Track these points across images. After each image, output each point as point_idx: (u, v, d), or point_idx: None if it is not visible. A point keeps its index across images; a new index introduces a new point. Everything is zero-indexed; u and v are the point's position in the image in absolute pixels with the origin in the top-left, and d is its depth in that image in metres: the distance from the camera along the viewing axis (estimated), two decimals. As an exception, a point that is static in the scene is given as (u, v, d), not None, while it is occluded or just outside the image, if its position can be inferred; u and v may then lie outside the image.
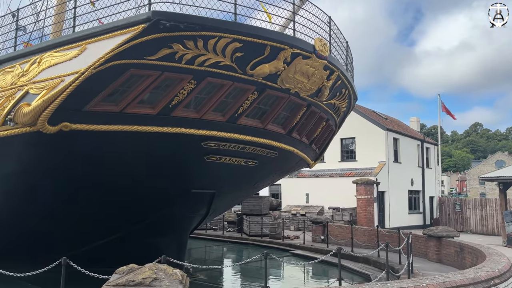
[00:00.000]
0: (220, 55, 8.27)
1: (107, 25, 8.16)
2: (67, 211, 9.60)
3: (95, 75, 7.73)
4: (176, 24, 7.60)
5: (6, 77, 9.21)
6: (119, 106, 8.27)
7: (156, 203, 9.98)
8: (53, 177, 9.00)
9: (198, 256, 17.59)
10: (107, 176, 9.04)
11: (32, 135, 8.20)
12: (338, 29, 11.07)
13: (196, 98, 8.80)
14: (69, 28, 9.81)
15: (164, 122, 8.65)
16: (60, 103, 7.88)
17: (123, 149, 8.78)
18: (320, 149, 13.38)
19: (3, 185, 9.48)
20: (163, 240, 10.93)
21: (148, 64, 7.89)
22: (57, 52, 8.65)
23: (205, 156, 9.68)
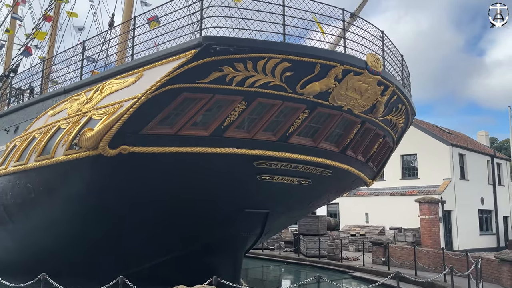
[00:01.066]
0: (270, 76, 8.33)
1: (161, 52, 8.56)
2: (125, 231, 9.98)
3: (151, 100, 8.09)
4: (226, 47, 7.80)
5: (73, 105, 9.92)
6: (173, 128, 8.56)
7: (210, 223, 10.09)
8: (113, 198, 9.42)
9: (255, 276, 17.49)
10: (162, 197, 9.32)
11: (94, 158, 8.70)
12: (391, 43, 10.75)
13: (247, 118, 8.89)
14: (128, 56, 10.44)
15: (216, 143, 8.80)
16: (119, 127, 8.31)
17: (178, 170, 9.03)
18: (377, 166, 12.90)
19: (69, 206, 10.09)
20: (218, 259, 11.00)
21: (200, 87, 8.13)
22: (117, 79, 9.20)
23: (257, 176, 9.69)
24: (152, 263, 10.67)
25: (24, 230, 11.29)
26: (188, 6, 9.06)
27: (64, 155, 9.23)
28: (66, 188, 9.99)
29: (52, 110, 10.62)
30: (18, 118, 12.33)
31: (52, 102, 11.03)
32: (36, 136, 10.39)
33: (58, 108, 10.47)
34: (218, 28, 8.19)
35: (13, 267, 11.74)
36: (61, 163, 9.34)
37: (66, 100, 10.39)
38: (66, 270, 9.90)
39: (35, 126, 10.88)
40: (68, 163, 9.19)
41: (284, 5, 8.71)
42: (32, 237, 11.25)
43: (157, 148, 8.62)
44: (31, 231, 11.13)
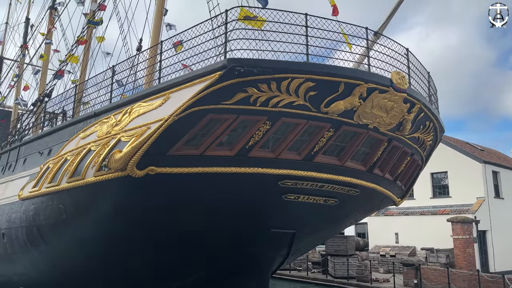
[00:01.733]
0: (294, 95, 8.38)
1: (187, 74, 8.78)
2: (153, 251, 10.06)
3: (177, 122, 8.26)
4: (249, 69, 7.92)
5: (102, 127, 10.23)
6: (199, 149, 8.68)
7: (236, 243, 10.06)
8: (141, 218, 9.56)
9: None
10: (188, 216, 9.38)
11: (123, 179, 8.89)
12: (417, 60, 10.65)
13: (272, 138, 8.93)
14: (156, 79, 10.74)
15: (241, 162, 8.85)
16: (147, 148, 8.50)
17: (204, 190, 9.10)
18: (406, 185, 12.62)
19: (99, 226, 10.29)
20: (244, 280, 10.91)
21: (225, 108, 8.25)
22: (145, 102, 9.45)
23: (282, 195, 9.64)
24: (179, 283, 10.68)
25: (56, 250, 11.56)
26: (213, 30, 9.30)
27: (94, 176, 9.49)
28: (96, 209, 10.22)
29: (83, 133, 10.98)
30: (51, 141, 12.80)
31: (83, 125, 11.42)
32: (68, 158, 10.74)
33: (89, 130, 10.82)
34: (242, 50, 8.35)
35: (45, 286, 12.02)
36: (91, 184, 9.59)
37: (96, 123, 10.73)
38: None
39: (67, 148, 11.26)
40: (98, 184, 9.42)
41: (307, 26, 8.81)
42: (63, 257, 11.49)
43: (183, 169, 8.74)
44: (62, 251, 11.39)
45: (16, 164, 14.56)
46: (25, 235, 12.08)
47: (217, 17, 9.22)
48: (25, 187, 12.32)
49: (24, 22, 35.89)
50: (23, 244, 12.30)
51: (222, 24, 8.75)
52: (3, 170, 15.49)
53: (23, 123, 17.77)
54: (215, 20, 9.25)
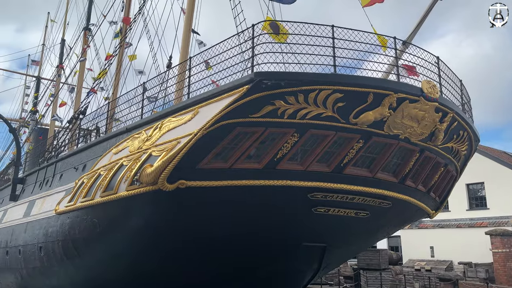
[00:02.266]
0: (322, 107, 8.35)
1: (215, 89, 8.91)
2: (183, 263, 10.10)
3: (206, 136, 8.37)
4: (277, 82, 7.98)
5: (134, 142, 10.48)
6: (228, 162, 8.74)
7: (265, 257, 9.99)
8: (171, 231, 9.66)
9: (313, 313, 16.87)
10: (217, 230, 9.41)
11: (154, 193, 9.05)
12: (448, 68, 10.41)
13: (300, 150, 8.89)
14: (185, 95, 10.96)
15: (270, 175, 8.84)
16: (177, 163, 8.63)
17: (233, 203, 9.12)
18: (440, 197, 12.24)
19: (131, 240, 10.47)
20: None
21: (252, 121, 8.31)
22: (175, 117, 9.65)
23: (312, 208, 9.54)
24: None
25: (90, 264, 11.82)
26: (240, 45, 9.43)
27: (126, 190, 9.69)
28: (128, 223, 10.41)
29: (115, 148, 11.28)
30: (86, 156, 13.21)
31: (115, 140, 11.74)
32: (101, 173, 11.04)
33: (121, 146, 11.11)
34: (269, 64, 8.42)
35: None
36: (123, 198, 9.79)
37: (128, 138, 11.00)
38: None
39: (100, 163, 11.59)
40: (130, 198, 9.62)
41: (334, 38, 8.81)
42: (97, 270, 11.74)
43: (212, 182, 8.81)
44: (96, 264, 11.63)
45: (53, 180, 15.10)
46: (61, 248, 12.42)
47: (244, 32, 9.35)
48: (61, 202, 12.72)
49: (60, 43, 37.62)
50: (59, 257, 12.65)
51: (249, 38, 8.87)
52: (41, 186, 16.08)
53: (59, 139, 18.45)
54: (242, 35, 9.38)
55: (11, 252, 16.07)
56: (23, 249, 14.82)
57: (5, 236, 17.22)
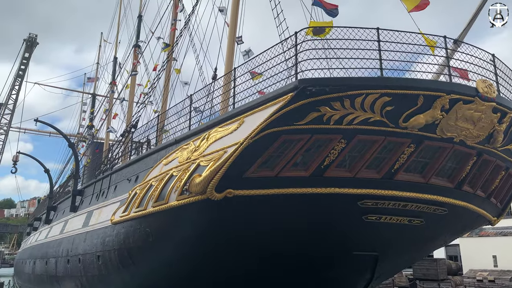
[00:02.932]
0: (369, 112, 8.14)
1: (259, 98, 8.96)
2: (232, 271, 10.14)
3: (252, 144, 8.41)
4: (321, 88, 7.89)
5: (183, 153, 10.75)
6: (274, 170, 8.72)
7: (315, 266, 9.82)
8: (220, 239, 9.75)
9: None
10: (265, 238, 9.38)
11: (203, 202, 9.20)
12: (505, 65, 9.81)
13: (348, 156, 8.70)
14: (231, 105, 11.11)
15: (317, 183, 8.72)
16: (224, 172, 8.73)
17: (281, 212, 9.07)
18: (502, 202, 11.47)
19: (182, 248, 10.69)
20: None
21: (298, 129, 8.25)
22: (221, 127, 9.79)
23: (363, 216, 9.27)
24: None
25: (144, 272, 12.18)
26: (284, 53, 9.44)
27: (176, 200, 9.93)
28: (179, 231, 10.64)
29: (165, 159, 11.63)
30: (138, 168, 13.71)
31: (165, 152, 12.10)
32: (153, 184, 11.40)
33: (171, 157, 11.42)
34: (313, 70, 8.35)
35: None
36: (174, 208, 10.04)
37: (177, 149, 11.30)
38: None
39: (152, 174, 11.97)
40: (180, 208, 9.84)
41: (380, 40, 8.59)
42: (151, 278, 12.07)
43: (259, 191, 8.82)
44: (150, 272, 11.97)
45: (108, 191, 15.80)
46: (117, 257, 12.92)
47: (287, 40, 9.35)
48: (116, 212, 13.26)
49: (113, 61, 39.65)
50: (116, 265, 13.16)
51: (292, 46, 8.85)
52: (98, 197, 16.88)
53: (113, 152, 19.32)
54: (285, 43, 9.38)
55: (72, 260, 16.95)
56: (82, 258, 15.58)
57: (66, 245, 18.21)
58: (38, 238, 26.90)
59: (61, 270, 18.31)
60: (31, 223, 34.65)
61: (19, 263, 33.37)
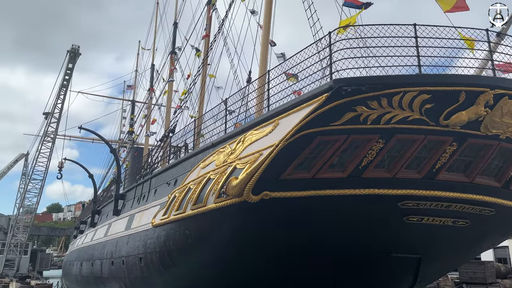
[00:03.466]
0: (408, 110, 7.93)
1: (294, 100, 8.94)
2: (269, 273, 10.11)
3: (287, 146, 8.40)
4: (357, 87, 7.76)
5: (219, 157, 10.89)
6: (310, 172, 8.66)
7: (353, 269, 9.64)
8: (257, 242, 9.78)
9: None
10: (302, 240, 9.31)
11: (240, 205, 9.27)
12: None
13: (387, 156, 8.51)
14: (265, 108, 11.15)
15: (355, 184, 8.58)
16: (260, 174, 8.77)
17: (318, 214, 8.98)
18: (555, 202, 10.81)
19: (220, 250, 10.81)
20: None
21: (334, 129, 8.16)
22: (256, 130, 9.85)
23: (403, 217, 9.03)
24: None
25: (185, 274, 12.42)
26: (318, 53, 9.37)
27: (214, 203, 10.07)
28: (217, 234, 10.78)
29: (203, 163, 11.82)
30: (176, 172, 14.02)
31: (202, 155, 12.31)
32: (191, 187, 11.62)
33: (208, 160, 11.61)
34: (349, 70, 8.23)
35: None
36: (212, 210, 10.18)
37: (214, 153, 11.47)
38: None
39: (190, 178, 12.21)
40: (218, 210, 9.97)
41: (417, 37, 8.36)
42: (191, 280, 12.29)
43: (296, 193, 8.79)
44: (190, 274, 12.19)
45: (149, 195, 16.24)
46: (158, 259, 13.25)
47: (321, 40, 9.27)
48: (157, 215, 13.61)
49: (150, 68, 40.81)
50: (157, 267, 13.49)
51: (326, 46, 8.78)
52: (139, 200, 17.39)
53: (153, 157, 19.85)
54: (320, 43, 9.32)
55: (115, 262, 17.54)
56: (126, 260, 16.08)
57: (110, 247, 18.87)
58: (84, 240, 28.05)
59: (106, 272, 18.99)
60: (77, 226, 36.18)
61: (67, 264, 34.89)
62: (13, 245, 40.54)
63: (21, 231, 41.11)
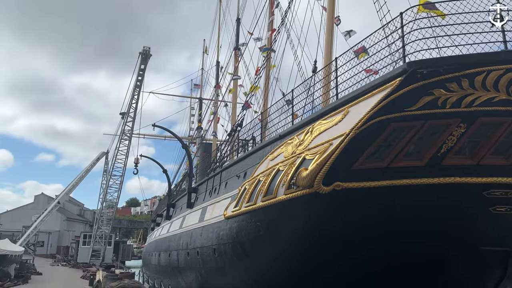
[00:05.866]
0: (492, 91, 7.29)
1: (364, 86, 8.60)
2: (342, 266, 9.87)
3: (359, 135, 8.12)
4: (434, 69, 7.27)
5: (288, 148, 10.84)
6: (384, 161, 8.31)
7: (434, 263, 9.10)
8: (329, 234, 9.59)
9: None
10: (376, 233, 8.95)
11: (311, 196, 9.15)
12: None
13: (469, 142, 7.91)
14: (333, 96, 10.88)
15: (434, 172, 8.09)
16: (331, 164, 8.58)
17: (393, 205, 8.61)
18: None
19: (292, 241, 10.78)
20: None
21: (409, 115, 7.73)
22: (325, 119, 9.64)
23: (490, 208, 8.34)
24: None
25: (257, 264, 12.59)
26: (386, 37, 8.93)
27: (284, 194, 10.06)
28: (288, 225, 10.76)
29: (271, 155, 11.86)
30: (246, 164, 14.23)
31: (270, 148, 12.35)
32: (260, 179, 11.71)
33: (276, 152, 11.61)
34: (423, 51, 7.73)
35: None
36: (282, 202, 10.18)
37: (282, 144, 11.45)
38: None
39: (259, 170, 12.31)
40: (288, 202, 9.94)
41: (501, 10, 7.62)
42: (264, 271, 12.42)
43: (369, 183, 8.48)
44: (263, 265, 12.33)
45: (220, 188, 16.69)
46: (231, 250, 13.58)
47: (392, 22, 8.81)
48: (228, 207, 13.93)
49: (215, 65, 41.82)
50: (230, 258, 13.84)
51: (398, 28, 8.32)
52: (211, 193, 17.95)
53: (222, 151, 20.36)
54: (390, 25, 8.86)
55: (191, 253, 18.28)
56: (200, 251, 16.70)
57: (185, 239, 19.70)
58: (160, 232, 29.61)
59: (182, 262, 19.88)
60: (154, 219, 38.29)
61: (146, 255, 37.09)
62: (98, 236, 43.95)
63: (104, 223, 44.45)
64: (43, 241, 58.05)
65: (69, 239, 60.45)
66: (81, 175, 52.10)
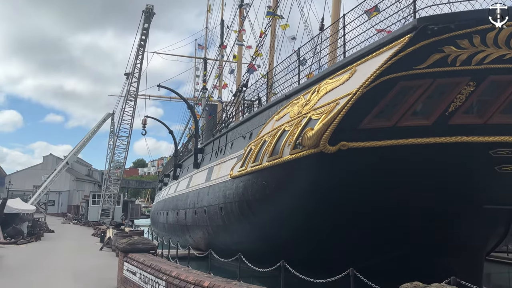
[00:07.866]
0: (504, 48, 7.10)
1: (372, 44, 8.39)
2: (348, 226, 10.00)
3: (366, 94, 8.03)
4: (445, 25, 7.05)
5: (293, 108, 10.77)
6: (391, 120, 8.26)
7: (439, 220, 9.23)
8: (335, 193, 9.68)
9: (499, 283, 15.11)
10: (383, 192, 9.04)
11: (316, 156, 9.19)
12: None
13: (477, 101, 7.80)
14: (340, 55, 10.65)
15: (441, 131, 8.05)
16: (337, 124, 8.54)
17: (400, 164, 8.62)
18: None
19: (297, 201, 10.94)
20: (453, 260, 9.93)
21: (417, 73, 7.60)
22: (332, 79, 9.50)
23: (496, 167, 8.35)
24: (378, 260, 10.48)
25: (264, 222, 12.87)
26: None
27: (290, 154, 10.10)
28: (294, 184, 10.89)
29: (277, 115, 11.81)
30: (251, 125, 14.21)
31: (276, 108, 12.27)
32: (266, 140, 11.74)
33: (282, 112, 11.55)
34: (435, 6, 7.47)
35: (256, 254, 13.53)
36: (288, 161, 10.25)
37: (288, 105, 11.36)
38: (298, 260, 10.73)
39: (264, 131, 12.32)
40: (294, 162, 10.00)
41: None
42: (269, 228, 12.72)
43: (375, 142, 8.48)
44: (268, 223, 12.61)
45: (226, 148, 16.79)
46: (237, 208, 13.85)
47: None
48: (234, 167, 14.07)
49: (220, 24, 40.83)
50: (237, 216, 14.14)
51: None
52: (217, 154, 18.08)
53: (228, 112, 20.29)
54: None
55: (198, 212, 18.69)
56: (207, 209, 17.06)
57: (192, 198, 20.09)
58: (168, 192, 30.17)
59: (189, 220, 20.38)
60: (161, 179, 38.87)
61: (154, 214, 38.01)
62: (107, 196, 44.89)
63: (113, 183, 45.24)
64: (54, 200, 59.61)
65: (78, 199, 61.96)
66: (88, 136, 52.49)
